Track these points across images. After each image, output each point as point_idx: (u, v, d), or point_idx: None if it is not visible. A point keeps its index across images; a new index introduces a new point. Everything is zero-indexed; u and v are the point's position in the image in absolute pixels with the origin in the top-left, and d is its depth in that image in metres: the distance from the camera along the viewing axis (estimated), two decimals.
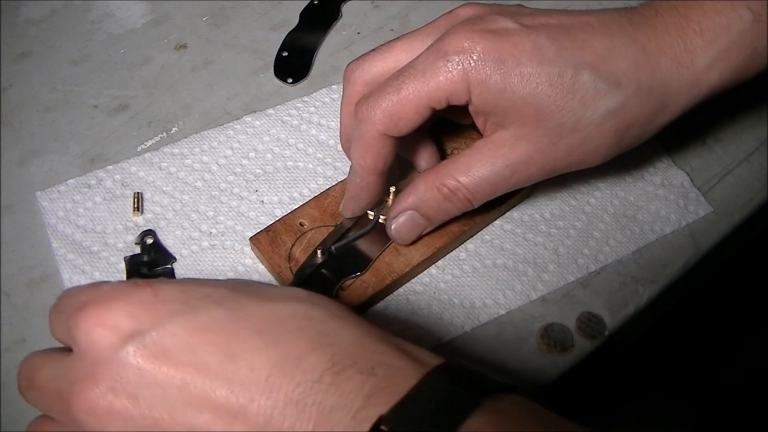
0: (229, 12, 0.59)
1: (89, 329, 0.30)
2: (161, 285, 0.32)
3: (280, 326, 0.31)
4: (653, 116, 0.41)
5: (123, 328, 0.30)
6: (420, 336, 0.44)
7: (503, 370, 0.44)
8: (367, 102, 0.41)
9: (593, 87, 0.39)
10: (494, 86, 0.39)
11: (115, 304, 0.31)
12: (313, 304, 0.32)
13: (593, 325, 0.45)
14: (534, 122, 0.40)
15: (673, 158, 0.51)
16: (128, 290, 0.31)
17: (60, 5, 0.59)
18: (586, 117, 0.39)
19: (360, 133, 0.41)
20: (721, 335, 0.94)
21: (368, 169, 0.42)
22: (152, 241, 0.47)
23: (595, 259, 0.47)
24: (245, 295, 0.32)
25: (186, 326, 0.30)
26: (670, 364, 0.91)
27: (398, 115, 0.40)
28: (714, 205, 0.50)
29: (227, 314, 0.31)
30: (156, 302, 0.31)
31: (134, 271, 0.46)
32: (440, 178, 0.42)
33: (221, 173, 0.50)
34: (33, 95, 0.54)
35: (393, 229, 0.44)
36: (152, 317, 0.30)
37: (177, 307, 0.30)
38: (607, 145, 0.41)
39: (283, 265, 0.45)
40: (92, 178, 0.50)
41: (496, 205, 0.47)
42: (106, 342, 0.30)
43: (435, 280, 0.46)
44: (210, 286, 0.32)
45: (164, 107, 0.54)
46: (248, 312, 0.31)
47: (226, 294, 0.32)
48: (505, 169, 0.41)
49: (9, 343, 0.44)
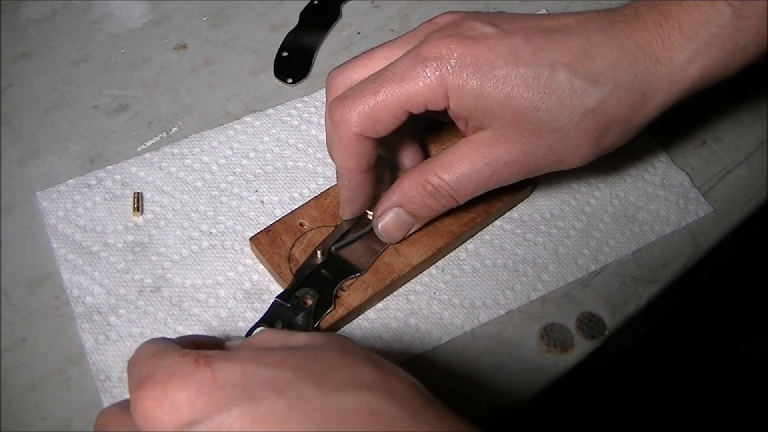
0: (229, 12, 0.59)
1: (145, 410, 0.29)
2: (222, 365, 0.30)
3: (343, 424, 0.28)
4: (633, 114, 0.41)
5: (180, 413, 0.29)
6: (420, 336, 0.44)
7: (503, 370, 0.44)
8: (342, 104, 0.41)
9: (570, 86, 0.39)
10: (471, 91, 0.39)
11: (173, 385, 0.29)
12: (383, 394, 0.30)
13: (593, 325, 0.45)
14: (512, 124, 0.40)
15: (673, 158, 0.51)
16: (187, 370, 0.29)
17: (60, 5, 0.59)
18: (563, 117, 0.40)
19: (338, 136, 0.41)
20: (720, 335, 0.94)
21: (352, 170, 0.42)
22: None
23: (595, 260, 0.47)
24: (309, 381, 0.30)
25: (243, 418, 0.28)
26: (669, 364, 0.91)
27: (375, 118, 0.40)
28: (714, 205, 0.50)
29: (287, 406, 0.29)
30: (214, 387, 0.29)
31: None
32: (424, 174, 0.42)
33: (221, 173, 0.50)
34: (33, 95, 0.54)
35: (380, 227, 0.45)
36: (209, 405, 0.28)
37: (235, 396, 0.29)
38: (587, 143, 0.41)
39: (283, 265, 0.45)
40: (92, 178, 0.50)
41: (495, 203, 0.47)
42: (161, 427, 0.29)
43: (435, 280, 0.46)
44: (274, 366, 0.30)
45: (164, 107, 0.54)
46: (309, 405, 0.29)
47: (288, 380, 0.29)
48: (485, 167, 0.41)
49: (9, 343, 0.44)
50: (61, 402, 0.42)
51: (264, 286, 0.46)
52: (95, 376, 0.43)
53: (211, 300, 0.45)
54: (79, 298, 0.45)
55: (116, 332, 0.44)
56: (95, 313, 0.45)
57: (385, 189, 0.46)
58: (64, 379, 0.43)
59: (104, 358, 0.43)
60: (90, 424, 0.41)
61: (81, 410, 0.42)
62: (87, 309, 0.45)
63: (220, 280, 0.46)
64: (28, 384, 0.43)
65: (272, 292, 0.46)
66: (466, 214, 0.47)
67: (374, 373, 0.31)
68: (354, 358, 0.32)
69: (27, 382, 0.43)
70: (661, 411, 0.90)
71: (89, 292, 0.45)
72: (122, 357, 0.43)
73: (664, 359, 0.90)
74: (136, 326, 0.44)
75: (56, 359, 0.44)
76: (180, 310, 0.45)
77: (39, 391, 0.43)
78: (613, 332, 0.45)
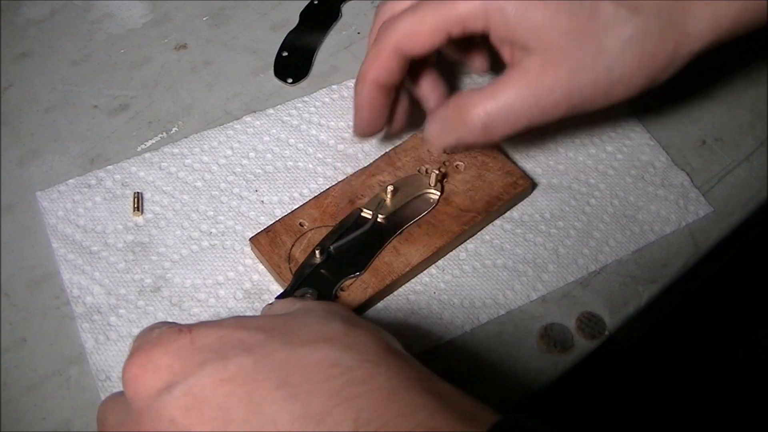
0: (229, 12, 0.59)
1: (131, 377, 0.31)
2: (201, 330, 0.31)
3: (304, 377, 0.29)
4: (677, 45, 0.41)
5: (161, 376, 0.30)
6: (420, 336, 0.44)
7: (503, 370, 0.44)
8: (388, 21, 0.43)
9: (613, 13, 0.39)
10: (512, 12, 0.40)
11: (156, 351, 0.31)
12: (345, 346, 0.30)
13: (593, 325, 0.45)
14: (557, 48, 0.40)
15: (673, 158, 0.51)
16: (171, 338, 0.31)
17: (60, 5, 0.59)
18: (607, 43, 0.40)
19: (374, 45, 0.43)
20: (720, 335, 0.94)
21: (370, 78, 0.44)
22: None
23: (595, 259, 0.47)
24: (278, 339, 0.31)
25: (213, 377, 0.29)
26: (669, 364, 0.91)
27: (414, 33, 0.42)
28: (714, 205, 0.50)
29: (253, 362, 0.30)
30: (192, 350, 0.30)
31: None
32: (463, 98, 0.43)
33: (221, 173, 0.50)
34: (33, 95, 0.54)
35: (426, 131, 0.46)
36: (186, 367, 0.30)
37: (209, 356, 0.30)
38: (632, 73, 0.41)
39: (282, 265, 0.45)
40: (92, 178, 0.50)
41: (495, 203, 0.47)
42: (144, 392, 0.30)
43: (435, 280, 0.46)
44: (249, 329, 0.31)
45: (164, 107, 0.54)
46: (275, 359, 0.30)
47: (259, 339, 0.31)
48: (530, 96, 0.41)
49: (9, 343, 0.44)
50: (61, 402, 0.42)
51: (264, 286, 0.46)
52: (95, 376, 0.43)
53: (211, 300, 0.45)
54: (79, 298, 0.45)
55: (116, 332, 0.44)
56: (95, 313, 0.45)
57: (399, 127, 0.49)
58: (64, 379, 0.43)
59: (104, 358, 0.43)
60: (90, 423, 0.41)
61: (81, 410, 0.42)
62: (87, 309, 0.45)
63: (220, 280, 0.46)
64: (28, 384, 0.43)
65: (272, 292, 0.46)
66: (466, 214, 0.47)
67: (341, 327, 0.32)
68: (328, 316, 0.33)
69: (27, 382, 0.43)
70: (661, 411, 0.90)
71: (89, 292, 0.45)
72: (122, 357, 0.43)
73: (664, 359, 0.90)
74: (136, 326, 0.44)
75: (56, 359, 0.44)
76: (180, 310, 0.45)
77: (39, 391, 0.43)
78: (613, 332, 0.45)
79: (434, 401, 0.29)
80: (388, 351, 0.31)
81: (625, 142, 0.52)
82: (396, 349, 0.32)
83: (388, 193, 0.47)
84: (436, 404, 0.28)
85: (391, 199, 0.47)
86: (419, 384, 0.30)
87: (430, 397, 0.29)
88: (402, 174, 0.49)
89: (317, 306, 0.35)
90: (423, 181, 0.48)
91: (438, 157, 0.49)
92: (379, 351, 0.31)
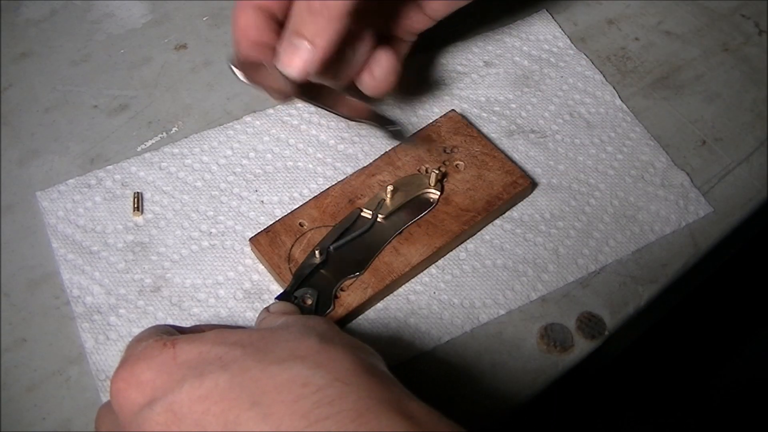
0: (229, 12, 0.59)
1: (117, 390, 0.32)
2: (183, 345, 0.32)
3: (276, 396, 0.30)
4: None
5: (144, 392, 0.31)
6: (420, 336, 0.44)
7: (503, 370, 0.44)
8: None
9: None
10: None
11: (140, 366, 0.32)
12: (316, 364, 0.31)
13: (593, 325, 0.45)
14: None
15: (673, 158, 0.51)
16: (155, 352, 0.32)
17: (60, 5, 0.59)
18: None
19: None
20: (720, 335, 0.94)
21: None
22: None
23: (595, 260, 0.47)
24: (253, 356, 0.31)
25: (191, 394, 0.30)
26: (670, 363, 0.91)
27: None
28: (714, 205, 0.50)
29: (228, 380, 0.30)
30: (173, 366, 0.31)
31: None
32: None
33: (221, 173, 0.50)
34: (33, 95, 0.54)
35: (278, 64, 0.41)
36: (167, 383, 0.31)
37: (188, 373, 0.31)
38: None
39: (282, 266, 0.45)
40: (92, 178, 0.50)
41: (495, 202, 0.47)
42: (128, 407, 0.31)
43: (435, 280, 0.46)
44: (228, 344, 0.32)
45: (164, 107, 0.54)
46: (248, 377, 0.30)
47: (236, 356, 0.31)
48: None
49: (9, 343, 0.44)
50: (61, 402, 0.42)
51: (264, 286, 0.46)
52: (95, 375, 0.43)
53: (211, 300, 0.45)
54: (79, 298, 0.45)
55: (116, 332, 0.44)
56: (95, 313, 0.45)
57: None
58: (64, 379, 0.43)
59: (104, 358, 0.43)
60: (90, 423, 0.41)
61: (81, 410, 0.42)
62: (87, 309, 0.45)
63: (220, 280, 0.46)
64: (28, 384, 0.43)
65: (272, 292, 0.46)
66: (466, 214, 0.47)
67: (315, 345, 0.32)
68: (304, 332, 0.33)
69: (27, 382, 0.43)
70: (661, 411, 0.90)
71: (89, 292, 0.45)
72: None
73: (664, 359, 0.90)
74: (136, 326, 0.44)
75: (56, 359, 0.44)
76: (180, 309, 0.45)
77: (39, 391, 0.43)
78: (613, 332, 0.45)
79: (404, 424, 0.28)
80: (363, 369, 0.31)
81: (625, 142, 0.52)
82: (371, 367, 0.32)
83: (388, 193, 0.47)
84: (406, 428, 0.28)
85: (391, 199, 0.47)
86: (389, 405, 0.29)
87: (400, 419, 0.29)
88: (402, 174, 0.49)
89: (297, 321, 0.36)
90: (423, 180, 0.48)
91: (438, 156, 0.49)
92: (352, 369, 0.31)
